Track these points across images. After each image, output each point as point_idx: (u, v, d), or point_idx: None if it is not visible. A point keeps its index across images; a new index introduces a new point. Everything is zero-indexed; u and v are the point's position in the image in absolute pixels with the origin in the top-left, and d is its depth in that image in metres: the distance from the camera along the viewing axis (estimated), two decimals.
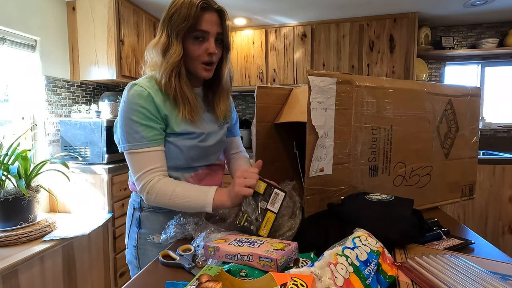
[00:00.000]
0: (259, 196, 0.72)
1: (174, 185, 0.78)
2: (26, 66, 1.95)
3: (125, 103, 0.79)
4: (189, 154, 0.86)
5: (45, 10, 2.02)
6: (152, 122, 0.78)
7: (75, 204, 1.96)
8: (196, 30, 0.78)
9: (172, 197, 0.77)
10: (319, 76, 0.74)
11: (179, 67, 0.80)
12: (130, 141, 0.78)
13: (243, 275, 0.53)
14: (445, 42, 2.82)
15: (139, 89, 0.79)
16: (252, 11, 2.54)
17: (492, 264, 0.58)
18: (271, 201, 0.71)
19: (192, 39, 0.79)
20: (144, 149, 0.78)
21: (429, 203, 0.98)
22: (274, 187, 0.72)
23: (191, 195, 0.77)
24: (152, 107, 0.79)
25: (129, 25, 2.29)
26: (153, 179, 0.78)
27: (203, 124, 0.89)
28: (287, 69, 2.82)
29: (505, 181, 2.32)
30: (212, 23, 0.79)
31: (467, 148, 1.02)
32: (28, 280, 1.39)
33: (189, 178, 0.90)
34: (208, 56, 0.81)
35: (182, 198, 0.77)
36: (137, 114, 0.77)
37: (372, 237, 0.57)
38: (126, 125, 0.78)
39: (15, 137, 1.70)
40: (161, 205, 0.80)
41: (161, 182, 0.78)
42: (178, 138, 0.84)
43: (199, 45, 0.80)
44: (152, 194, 0.78)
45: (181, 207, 0.78)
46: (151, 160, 0.78)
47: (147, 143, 0.77)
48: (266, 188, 0.72)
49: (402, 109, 0.87)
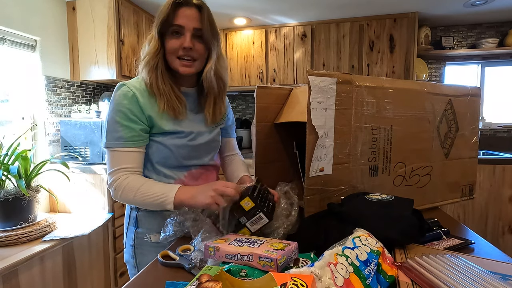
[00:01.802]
0: (243, 213, 0.70)
1: (141, 182, 0.80)
2: (26, 66, 1.95)
3: (111, 102, 0.82)
4: (179, 153, 0.86)
5: (45, 10, 2.02)
6: (132, 124, 0.80)
7: (75, 204, 1.96)
8: (172, 25, 0.81)
9: (138, 193, 0.79)
10: (319, 76, 0.74)
11: (156, 60, 0.82)
12: (109, 139, 0.81)
13: (243, 275, 0.53)
14: (445, 42, 2.82)
15: (125, 89, 0.81)
16: (252, 11, 2.54)
17: (492, 264, 0.58)
18: (252, 221, 0.70)
19: (170, 34, 0.82)
20: (120, 148, 0.80)
21: (429, 203, 0.98)
22: (260, 210, 0.69)
23: (155, 191, 0.79)
24: (136, 108, 0.80)
25: (129, 25, 2.29)
26: (121, 177, 0.80)
27: (192, 124, 0.89)
28: (287, 69, 2.82)
29: (505, 181, 2.31)
30: (188, 18, 0.80)
31: (467, 148, 1.02)
32: (28, 280, 1.39)
33: (182, 177, 0.90)
34: (183, 51, 0.81)
35: (146, 194, 0.78)
36: (119, 114, 0.80)
37: (372, 237, 0.57)
38: (109, 124, 0.81)
39: (15, 137, 1.69)
40: (127, 201, 0.82)
41: (129, 179, 0.80)
42: (166, 138, 0.85)
43: (176, 40, 0.82)
44: (119, 190, 0.79)
45: (145, 203, 0.80)
46: (124, 160, 0.80)
47: (123, 143, 0.80)
48: (253, 208, 0.70)
49: (402, 109, 0.87)
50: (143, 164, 0.87)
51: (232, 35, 2.93)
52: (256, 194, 0.72)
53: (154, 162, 0.87)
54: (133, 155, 0.81)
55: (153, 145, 0.86)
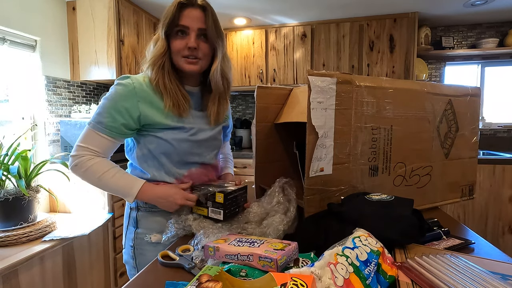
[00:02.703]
0: (212, 199, 0.83)
1: (108, 166, 0.83)
2: (26, 66, 1.95)
3: (111, 88, 0.84)
4: (180, 148, 0.88)
5: (45, 10, 2.02)
6: (119, 116, 0.82)
7: (75, 204, 1.96)
8: (177, 26, 0.83)
9: (103, 177, 0.82)
10: (319, 76, 0.74)
11: (162, 60, 0.84)
12: (93, 120, 0.83)
13: (243, 275, 0.53)
14: (445, 42, 2.82)
15: (128, 81, 0.83)
16: (252, 11, 2.54)
17: (492, 264, 0.58)
18: (213, 210, 0.83)
19: (175, 34, 0.84)
20: (98, 132, 0.82)
21: (429, 203, 0.98)
22: (223, 209, 0.82)
23: (120, 182, 0.84)
24: (130, 102, 0.82)
25: (129, 25, 2.29)
26: (86, 156, 0.82)
27: (194, 120, 0.91)
28: (287, 69, 2.82)
29: (505, 181, 2.31)
30: (193, 18, 0.83)
31: (467, 148, 1.02)
32: (28, 280, 1.39)
33: (181, 178, 0.91)
34: (188, 50, 0.84)
35: (110, 180, 0.82)
36: (111, 102, 0.82)
37: (372, 237, 0.57)
38: (100, 106, 0.84)
39: (15, 137, 1.69)
40: (88, 181, 0.84)
41: (94, 160, 0.82)
42: (168, 132, 0.86)
43: (181, 40, 0.84)
44: (81, 168, 0.82)
45: (108, 188, 0.83)
46: (95, 143, 0.83)
47: (102, 129, 0.82)
48: (220, 203, 0.82)
49: (402, 109, 0.87)
50: (145, 160, 0.89)
51: (232, 35, 2.93)
52: (231, 197, 0.84)
53: (157, 157, 0.88)
54: (106, 142, 0.83)
55: (154, 140, 0.86)
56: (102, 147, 0.83)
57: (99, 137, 0.82)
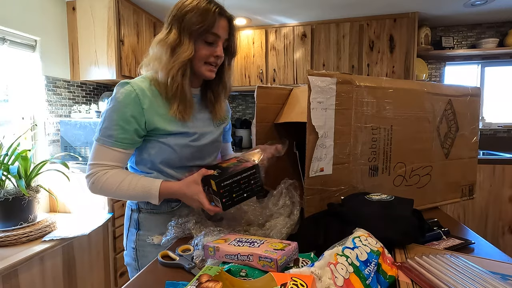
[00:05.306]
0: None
1: (123, 176, 0.81)
2: (26, 66, 1.95)
3: (112, 98, 0.81)
4: (182, 153, 0.86)
5: (45, 10, 2.02)
6: (127, 125, 0.79)
7: (75, 204, 1.96)
8: (210, 33, 0.81)
9: (120, 187, 0.80)
10: (319, 76, 0.74)
11: (186, 66, 0.82)
12: (101, 134, 0.80)
13: (243, 275, 0.53)
14: (445, 42, 2.82)
15: (129, 88, 0.80)
16: (252, 11, 2.54)
17: (492, 264, 0.58)
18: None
19: (203, 41, 0.82)
20: (109, 146, 0.80)
21: (429, 203, 0.98)
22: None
23: (139, 181, 0.81)
24: (136, 109, 0.80)
25: (129, 25, 2.29)
26: (100, 171, 0.80)
27: (196, 124, 0.89)
28: (287, 69, 2.82)
29: (505, 181, 2.31)
30: (224, 28, 0.84)
31: (467, 148, 1.02)
32: (28, 280, 1.39)
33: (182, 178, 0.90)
34: (214, 59, 0.84)
35: (128, 186, 0.80)
36: (118, 113, 0.79)
37: (372, 237, 0.57)
38: (105, 119, 0.81)
39: (15, 137, 1.69)
40: (107, 195, 0.83)
41: (108, 174, 0.80)
42: (170, 138, 0.84)
43: (208, 48, 0.83)
44: (98, 184, 0.80)
45: (127, 195, 0.81)
46: (109, 157, 0.81)
47: (114, 142, 0.80)
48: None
49: (402, 109, 0.87)
50: (144, 164, 0.88)
51: None
52: (229, 182, 0.74)
53: (157, 163, 0.86)
54: (119, 155, 0.81)
55: (157, 145, 0.85)
56: (116, 161, 0.81)
57: (111, 151, 0.80)
